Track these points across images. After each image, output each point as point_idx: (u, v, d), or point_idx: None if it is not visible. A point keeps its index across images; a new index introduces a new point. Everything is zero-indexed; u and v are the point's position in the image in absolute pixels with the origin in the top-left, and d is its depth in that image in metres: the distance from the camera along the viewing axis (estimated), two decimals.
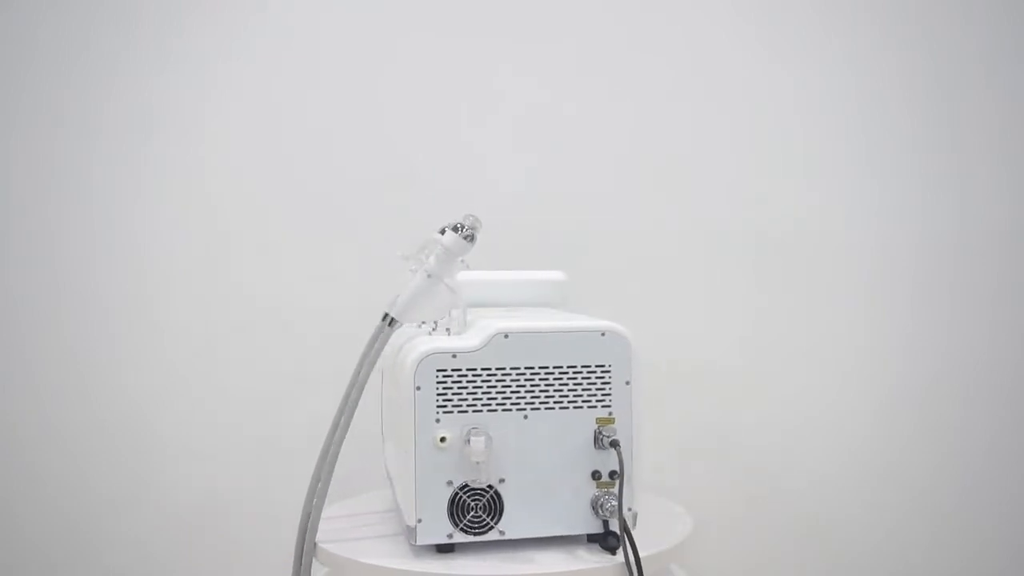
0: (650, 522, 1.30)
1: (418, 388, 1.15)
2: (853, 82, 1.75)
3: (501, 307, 1.42)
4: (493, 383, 1.17)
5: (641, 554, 1.14)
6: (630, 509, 1.17)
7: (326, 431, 1.28)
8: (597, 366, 1.18)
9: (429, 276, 1.22)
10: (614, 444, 1.15)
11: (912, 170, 1.73)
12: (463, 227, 1.22)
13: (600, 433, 1.17)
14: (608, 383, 1.18)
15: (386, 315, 1.23)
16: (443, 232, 1.22)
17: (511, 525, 1.16)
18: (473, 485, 1.15)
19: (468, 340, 1.17)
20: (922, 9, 1.73)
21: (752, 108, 1.77)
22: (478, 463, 1.14)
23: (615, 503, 1.15)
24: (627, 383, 1.18)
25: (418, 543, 1.15)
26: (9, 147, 1.75)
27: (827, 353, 1.75)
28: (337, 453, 1.22)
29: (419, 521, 1.14)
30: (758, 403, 1.76)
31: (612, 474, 1.17)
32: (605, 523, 1.17)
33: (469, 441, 1.13)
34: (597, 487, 1.18)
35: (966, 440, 1.72)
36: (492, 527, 1.16)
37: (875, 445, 1.73)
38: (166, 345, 1.77)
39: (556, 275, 1.47)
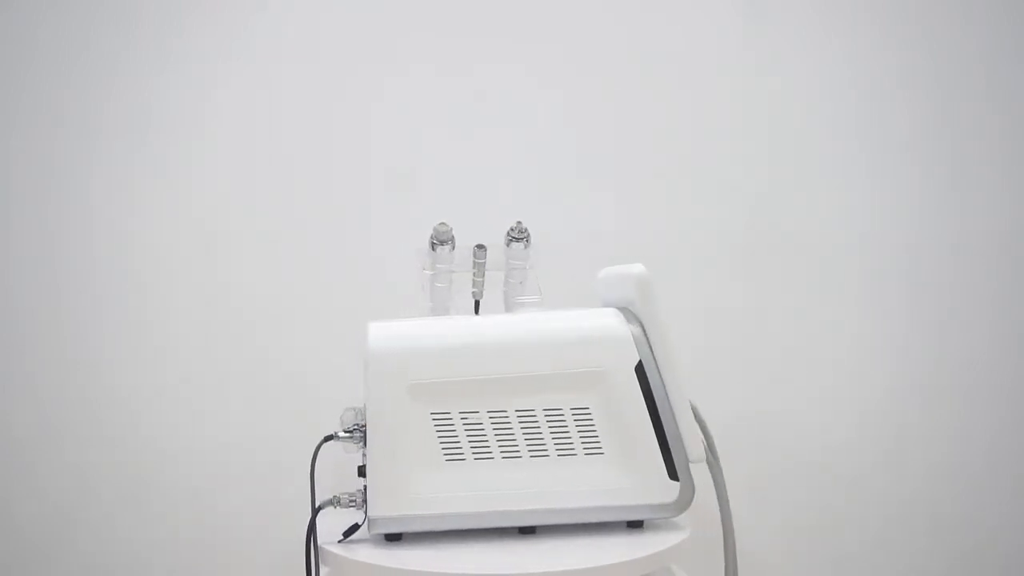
0: (650, 521, 1.30)
1: None
2: (853, 82, 1.75)
3: (609, 306, 1.38)
4: None
5: (641, 554, 1.15)
6: (366, 517, 1.21)
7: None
8: None
9: (432, 277, 1.43)
10: (327, 437, 1.25)
11: (911, 170, 1.73)
12: (434, 236, 1.41)
13: None
14: None
15: None
16: None
17: None
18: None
19: None
20: (922, 9, 1.73)
21: (751, 108, 1.77)
22: None
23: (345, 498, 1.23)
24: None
25: None
26: (9, 147, 1.75)
27: (825, 353, 1.75)
28: None
29: None
30: (756, 404, 1.76)
31: (360, 469, 1.24)
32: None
33: None
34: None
35: (966, 440, 1.72)
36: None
37: (874, 446, 1.74)
38: (166, 345, 1.77)
39: (634, 268, 1.35)
